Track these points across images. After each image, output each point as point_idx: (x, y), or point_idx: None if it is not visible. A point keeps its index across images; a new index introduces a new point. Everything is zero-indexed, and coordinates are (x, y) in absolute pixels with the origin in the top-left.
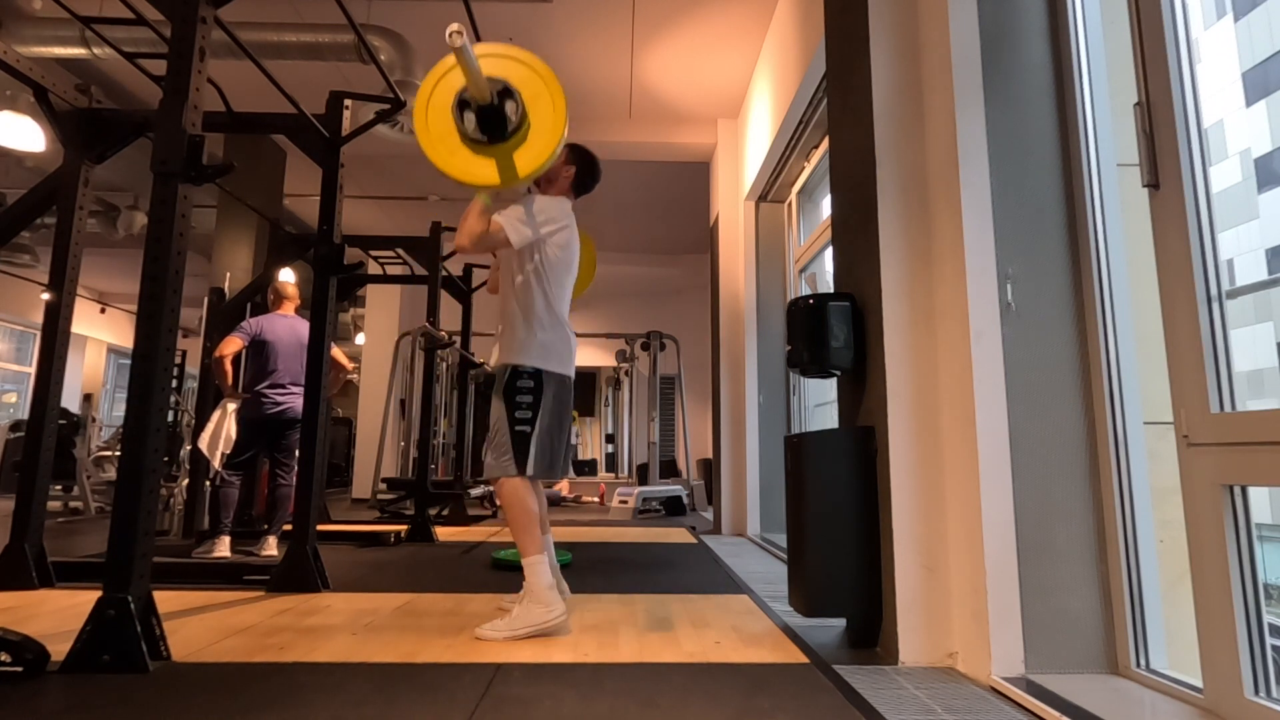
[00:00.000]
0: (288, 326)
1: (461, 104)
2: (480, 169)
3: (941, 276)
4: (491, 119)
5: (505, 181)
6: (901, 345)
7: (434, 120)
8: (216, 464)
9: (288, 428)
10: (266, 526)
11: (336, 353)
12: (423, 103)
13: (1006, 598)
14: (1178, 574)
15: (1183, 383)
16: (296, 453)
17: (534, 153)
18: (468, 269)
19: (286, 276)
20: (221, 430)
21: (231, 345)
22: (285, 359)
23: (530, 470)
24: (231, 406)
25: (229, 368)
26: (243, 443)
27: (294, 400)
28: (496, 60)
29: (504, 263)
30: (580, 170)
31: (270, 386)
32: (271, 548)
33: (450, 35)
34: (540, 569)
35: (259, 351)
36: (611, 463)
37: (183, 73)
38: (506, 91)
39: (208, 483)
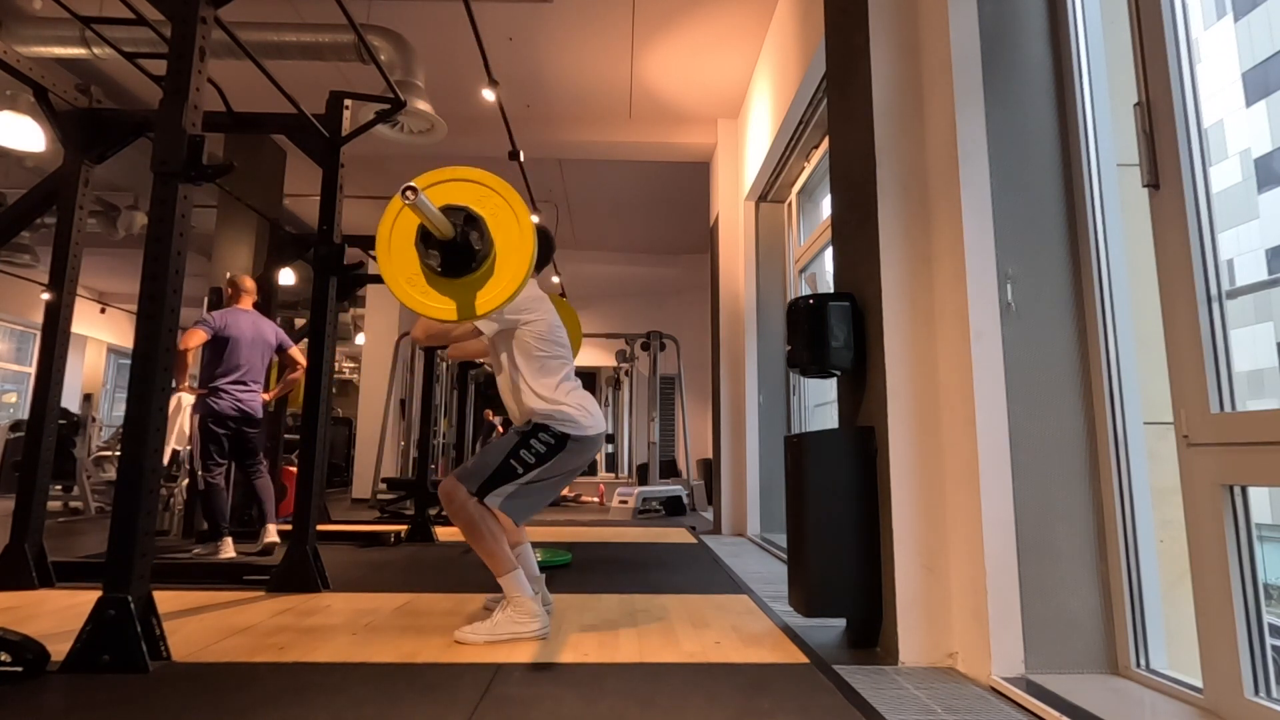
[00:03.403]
0: (250, 322)
1: (426, 238)
2: (440, 303)
3: (941, 276)
4: (457, 252)
5: (462, 315)
6: (901, 345)
7: (396, 253)
8: (165, 459)
9: (251, 426)
10: (260, 519)
11: (295, 351)
12: (385, 237)
13: (1006, 598)
14: (1178, 574)
15: (1183, 383)
16: (259, 453)
17: (499, 289)
18: None
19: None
20: (175, 424)
21: (196, 338)
22: (248, 355)
23: (492, 501)
24: (187, 400)
25: (190, 361)
26: (219, 441)
27: (256, 399)
28: (450, 186)
29: (492, 350)
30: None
31: (234, 383)
32: (273, 534)
33: (403, 194)
34: (517, 583)
35: (221, 346)
36: (611, 463)
37: (183, 73)
38: (469, 219)
39: (185, 482)
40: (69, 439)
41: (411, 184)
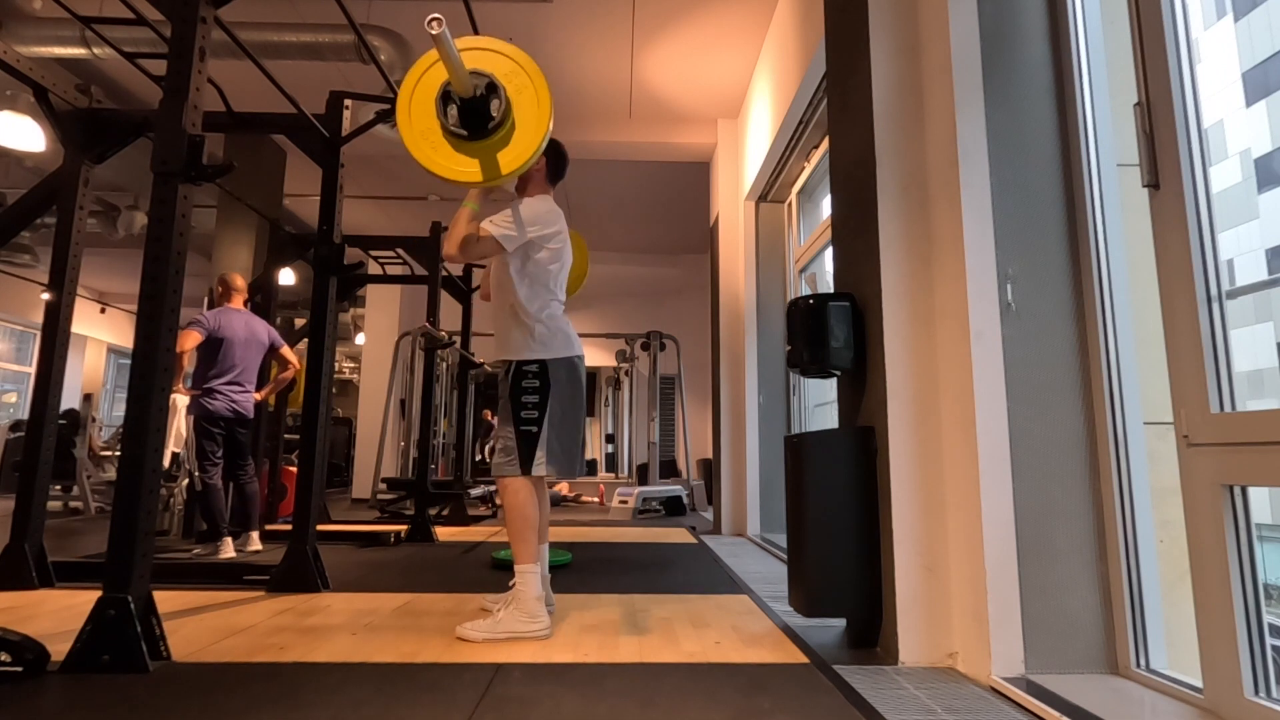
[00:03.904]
0: (243, 322)
1: (445, 98)
2: (463, 166)
3: (941, 276)
4: (474, 113)
5: (488, 179)
6: (901, 345)
7: (417, 114)
8: (165, 462)
9: (243, 426)
10: (244, 525)
11: (286, 351)
12: (406, 96)
13: (1006, 598)
14: (1178, 574)
15: (1183, 383)
16: (248, 455)
17: (518, 150)
18: (468, 269)
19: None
20: (171, 426)
21: (190, 339)
22: (242, 355)
23: (539, 470)
24: (182, 402)
25: (185, 363)
26: (215, 440)
27: (250, 399)
28: (481, 54)
29: (496, 268)
30: (550, 160)
31: (229, 383)
32: (256, 542)
33: (429, 23)
34: (531, 579)
35: (215, 347)
36: (611, 463)
37: (183, 73)
38: (490, 86)
39: (185, 482)
40: (69, 439)
41: (437, 15)
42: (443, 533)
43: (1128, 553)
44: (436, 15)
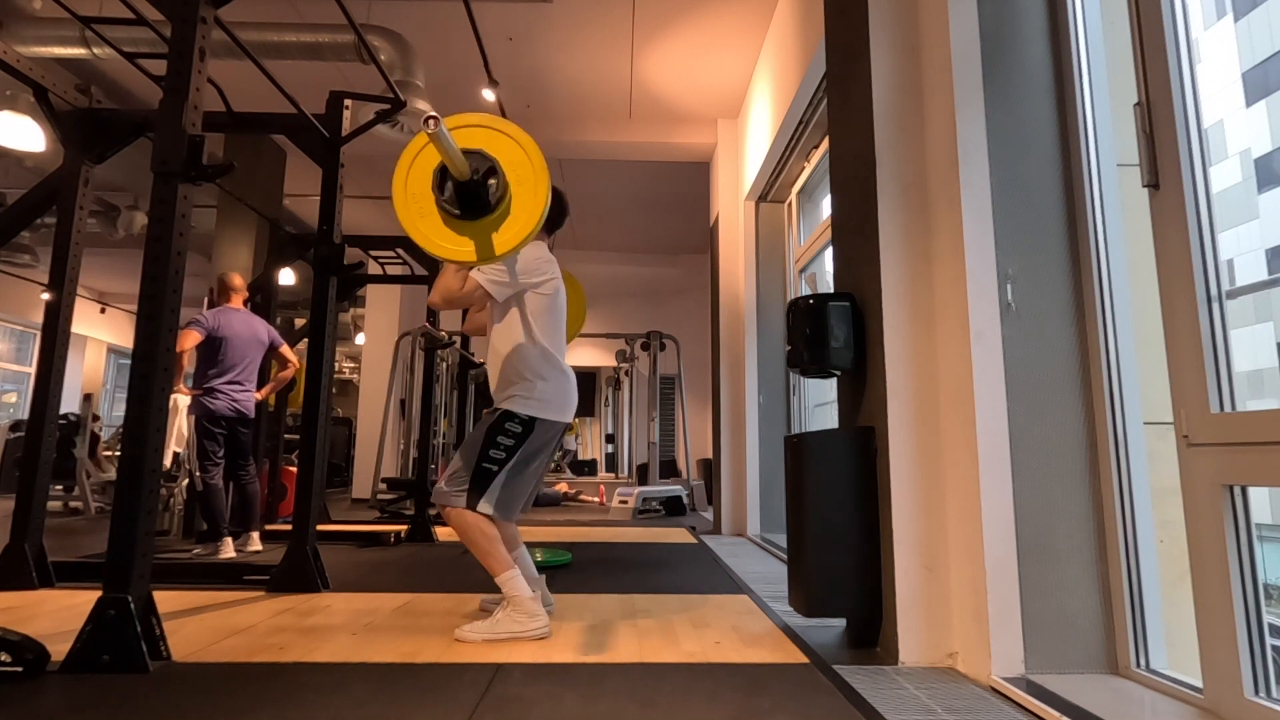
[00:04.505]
0: (243, 321)
1: (442, 175)
2: (457, 245)
3: (941, 276)
4: (471, 196)
5: (481, 258)
6: (901, 345)
7: (414, 192)
8: (167, 463)
9: (244, 426)
10: (244, 525)
11: (286, 350)
12: (402, 173)
13: (1006, 598)
14: (1178, 574)
15: (1183, 383)
16: (249, 455)
17: (513, 230)
18: None
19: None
20: (172, 426)
21: (190, 339)
22: (242, 354)
23: (482, 509)
24: (183, 402)
25: (184, 363)
26: (216, 440)
27: (251, 398)
28: (489, 134)
29: (490, 314)
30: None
31: (229, 383)
32: (256, 543)
33: (426, 123)
34: (516, 582)
35: (215, 346)
36: (611, 463)
37: (183, 73)
38: (490, 170)
39: (185, 482)
40: (69, 439)
41: (434, 114)
42: (443, 533)
43: (1128, 553)
44: (434, 115)
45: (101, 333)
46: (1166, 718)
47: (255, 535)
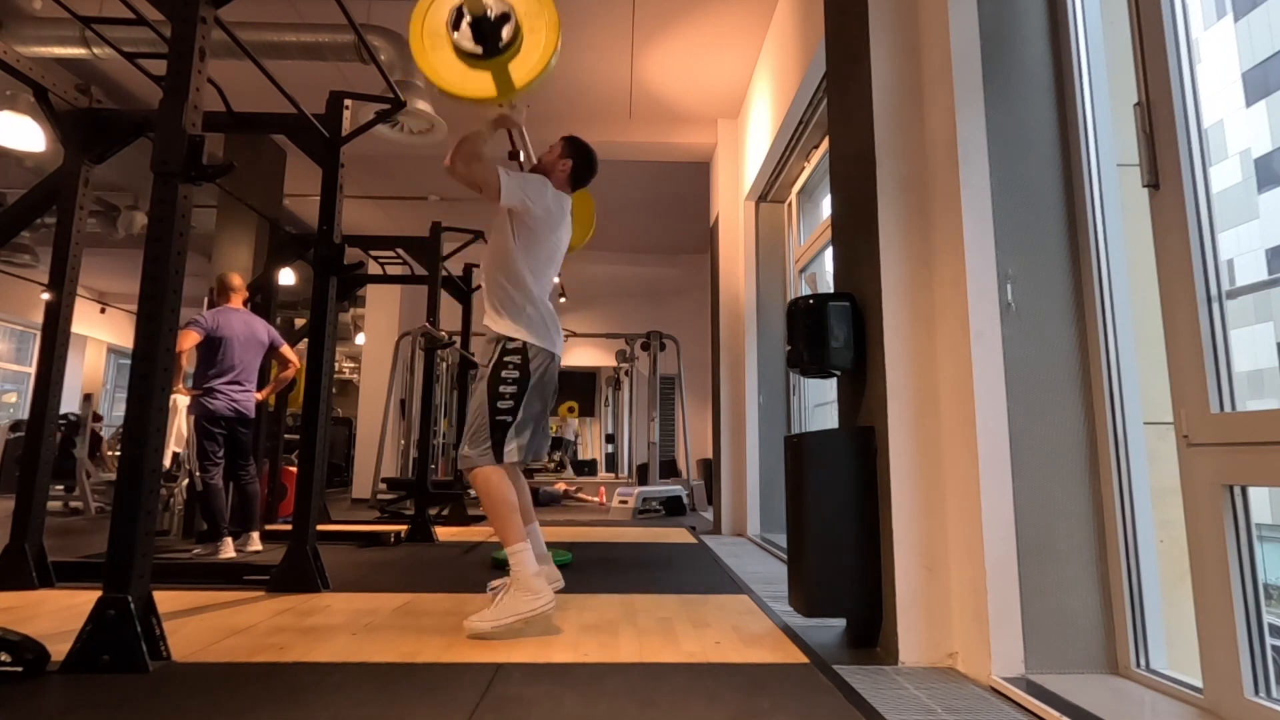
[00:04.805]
0: (242, 321)
1: (458, 16)
2: (475, 82)
3: (941, 276)
4: (486, 30)
5: (502, 93)
6: (901, 345)
7: (430, 33)
8: (166, 463)
9: (244, 426)
10: (244, 525)
11: (286, 350)
12: (419, 16)
13: (1006, 598)
14: (1178, 574)
15: (1183, 383)
16: (250, 455)
17: (530, 64)
18: (468, 269)
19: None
20: (172, 426)
21: (189, 339)
22: (242, 354)
23: (510, 457)
24: (182, 402)
25: (184, 363)
26: (216, 440)
27: (251, 398)
28: None
29: (493, 233)
30: (577, 164)
31: (229, 383)
32: (256, 543)
33: None
34: (524, 557)
35: (215, 347)
36: (611, 463)
37: (183, 73)
38: (504, 16)
39: (185, 482)
40: (69, 439)
41: None
42: (443, 533)
43: (1128, 553)
44: None
45: (101, 333)
46: (1166, 718)
47: (255, 535)
